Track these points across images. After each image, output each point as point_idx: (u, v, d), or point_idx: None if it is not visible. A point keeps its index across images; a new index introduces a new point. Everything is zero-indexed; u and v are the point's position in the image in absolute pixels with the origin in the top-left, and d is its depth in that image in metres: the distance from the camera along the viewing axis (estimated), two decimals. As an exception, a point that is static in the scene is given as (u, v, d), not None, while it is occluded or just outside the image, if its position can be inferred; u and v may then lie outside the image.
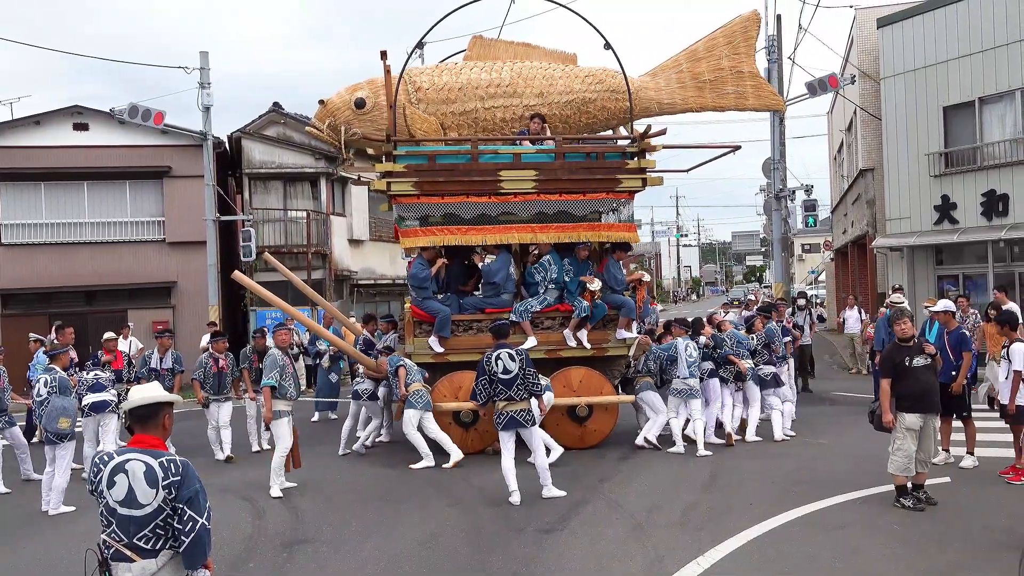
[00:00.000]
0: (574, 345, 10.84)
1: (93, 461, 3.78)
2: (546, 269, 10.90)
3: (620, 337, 11.03)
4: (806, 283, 49.46)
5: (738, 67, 12.04)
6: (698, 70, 12.01)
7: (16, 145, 21.13)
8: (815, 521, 7.27)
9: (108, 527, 3.68)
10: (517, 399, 8.29)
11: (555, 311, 10.95)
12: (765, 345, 11.43)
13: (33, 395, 9.32)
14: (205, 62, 20.29)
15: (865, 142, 22.95)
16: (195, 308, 21.17)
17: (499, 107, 11.39)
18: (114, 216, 21.96)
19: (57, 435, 8.73)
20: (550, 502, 8.20)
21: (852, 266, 27.49)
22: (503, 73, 11.44)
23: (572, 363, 10.86)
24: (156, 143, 21.74)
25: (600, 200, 11.15)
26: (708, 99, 12.09)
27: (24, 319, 20.40)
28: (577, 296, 10.89)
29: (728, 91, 12.06)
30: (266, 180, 23.74)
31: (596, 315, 10.92)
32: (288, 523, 7.89)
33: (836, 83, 20.15)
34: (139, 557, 3.63)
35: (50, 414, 8.70)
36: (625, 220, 12.38)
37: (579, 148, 11.30)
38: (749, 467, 9.49)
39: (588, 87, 11.72)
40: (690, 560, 6.29)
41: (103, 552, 3.69)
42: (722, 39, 12.10)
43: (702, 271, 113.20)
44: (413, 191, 10.65)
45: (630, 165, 11.15)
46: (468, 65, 11.52)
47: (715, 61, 12.02)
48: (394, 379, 10.22)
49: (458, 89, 11.20)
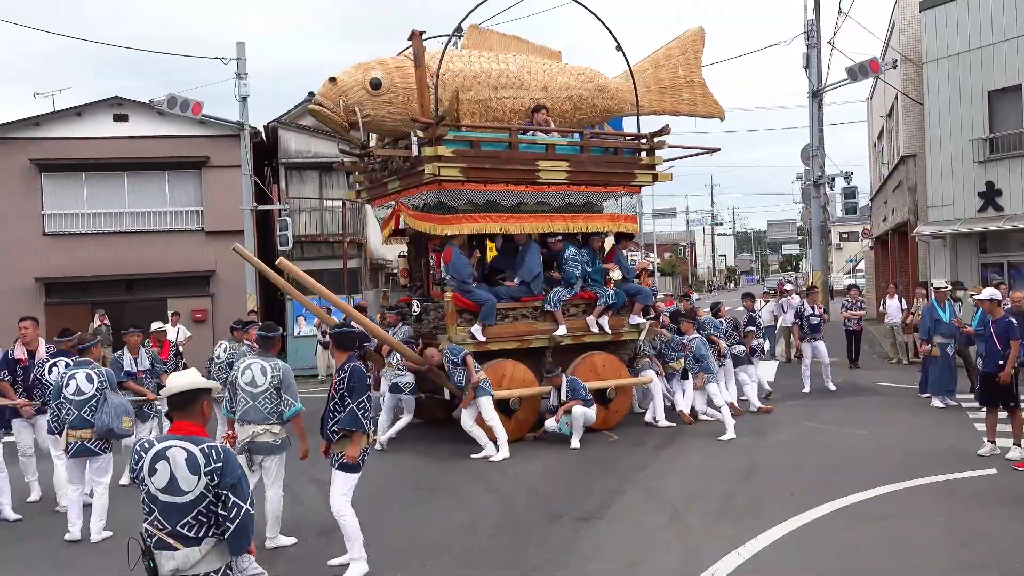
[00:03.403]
0: (596, 331, 11.25)
1: (134, 449, 3.77)
2: (577, 259, 11.18)
3: (633, 323, 11.60)
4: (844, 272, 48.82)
5: (690, 76, 13.03)
6: (660, 76, 12.87)
7: (58, 136, 21.49)
8: (858, 512, 7.16)
9: (150, 515, 3.65)
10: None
11: (579, 299, 11.32)
12: (734, 328, 12.76)
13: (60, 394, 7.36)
14: (242, 52, 20.40)
15: (906, 128, 22.51)
16: (234, 297, 21.40)
17: (508, 98, 11.42)
18: (153, 206, 22.27)
19: (118, 437, 7.50)
20: (588, 490, 8.16)
21: (893, 255, 27.04)
22: (510, 65, 11.53)
23: (590, 349, 11.27)
24: (194, 133, 22.00)
25: (616, 192, 11.84)
26: (668, 103, 12.94)
27: (66, 308, 20.80)
28: (601, 284, 11.39)
29: (683, 97, 12.99)
30: (302, 169, 23.92)
31: (618, 302, 11.37)
32: (326, 510, 7.91)
33: (877, 68, 19.77)
34: (182, 545, 3.60)
35: (112, 413, 7.26)
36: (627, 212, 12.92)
37: (603, 143, 11.78)
38: (789, 457, 9.38)
39: (582, 84, 12.15)
40: (730, 550, 6.22)
41: (146, 541, 3.66)
42: (677, 49, 13.07)
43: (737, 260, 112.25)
44: (460, 176, 10.48)
45: (644, 160, 11.75)
46: (475, 54, 11.42)
47: (672, 69, 12.96)
48: (460, 368, 9.99)
49: (472, 77, 11.11)
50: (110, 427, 7.20)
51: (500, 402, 10.23)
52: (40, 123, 21.56)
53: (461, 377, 9.97)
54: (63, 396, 7.25)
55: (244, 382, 6.73)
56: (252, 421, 6.67)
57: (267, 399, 6.69)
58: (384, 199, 11.88)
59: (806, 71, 21.28)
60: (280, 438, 6.74)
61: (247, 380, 6.74)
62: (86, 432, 7.17)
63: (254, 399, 6.68)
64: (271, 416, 6.70)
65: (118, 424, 7.26)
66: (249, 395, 6.69)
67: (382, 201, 12.06)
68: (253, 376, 6.74)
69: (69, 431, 7.19)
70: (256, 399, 6.68)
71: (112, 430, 7.23)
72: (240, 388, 6.76)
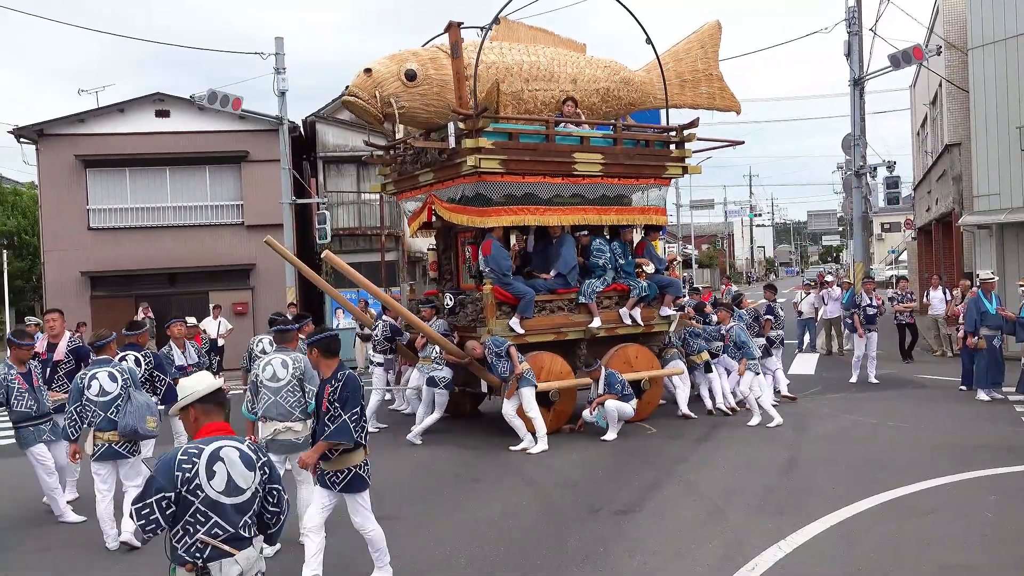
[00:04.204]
0: (629, 323, 11.35)
1: (178, 459, 3.50)
2: (608, 252, 11.31)
3: (664, 314, 11.76)
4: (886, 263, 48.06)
5: (708, 70, 13.11)
6: (680, 70, 12.91)
7: (102, 132, 21.88)
8: (901, 507, 7.07)
9: (206, 523, 3.46)
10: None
11: (612, 291, 11.39)
12: (755, 319, 12.84)
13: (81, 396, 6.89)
14: (280, 47, 20.56)
15: (951, 116, 22.05)
16: (273, 290, 21.63)
17: (539, 90, 11.42)
18: (195, 200, 22.58)
19: (143, 438, 7.02)
20: (626, 483, 8.15)
21: (936, 245, 26.54)
22: (540, 57, 11.51)
23: (621, 341, 11.36)
24: (234, 128, 22.25)
25: (647, 185, 11.88)
26: (687, 97, 12.99)
27: (112, 301, 21.21)
28: (633, 276, 11.47)
29: (702, 91, 13.07)
30: (340, 163, 24.08)
31: (651, 294, 11.49)
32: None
33: (921, 55, 19.32)
34: (239, 549, 3.49)
35: (135, 413, 6.82)
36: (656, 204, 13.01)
37: (636, 135, 11.81)
38: (830, 451, 9.28)
39: (608, 77, 12.20)
40: (771, 544, 6.17)
41: (195, 557, 3.45)
42: (696, 43, 13.12)
43: (776, 251, 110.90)
44: (499, 168, 10.47)
45: (674, 153, 11.91)
46: (507, 46, 11.40)
47: (692, 63, 13.04)
48: (503, 360, 9.95)
49: (505, 69, 11.08)
50: (134, 428, 6.79)
51: (539, 394, 10.23)
52: (84, 120, 21.96)
53: (505, 369, 9.96)
54: (85, 398, 6.83)
55: (265, 377, 6.70)
56: (273, 417, 6.61)
57: (289, 392, 6.62)
58: (414, 192, 11.85)
59: (847, 59, 20.90)
60: (302, 436, 6.57)
61: (268, 375, 6.71)
62: (113, 434, 6.77)
63: (276, 394, 6.64)
64: (294, 410, 6.62)
65: (142, 425, 6.82)
66: (271, 390, 6.65)
67: (411, 194, 12.01)
68: (274, 371, 6.71)
69: (96, 433, 6.80)
70: (278, 393, 6.63)
71: (136, 431, 6.81)
72: (262, 384, 6.69)
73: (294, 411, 6.64)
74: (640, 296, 11.38)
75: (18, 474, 8.98)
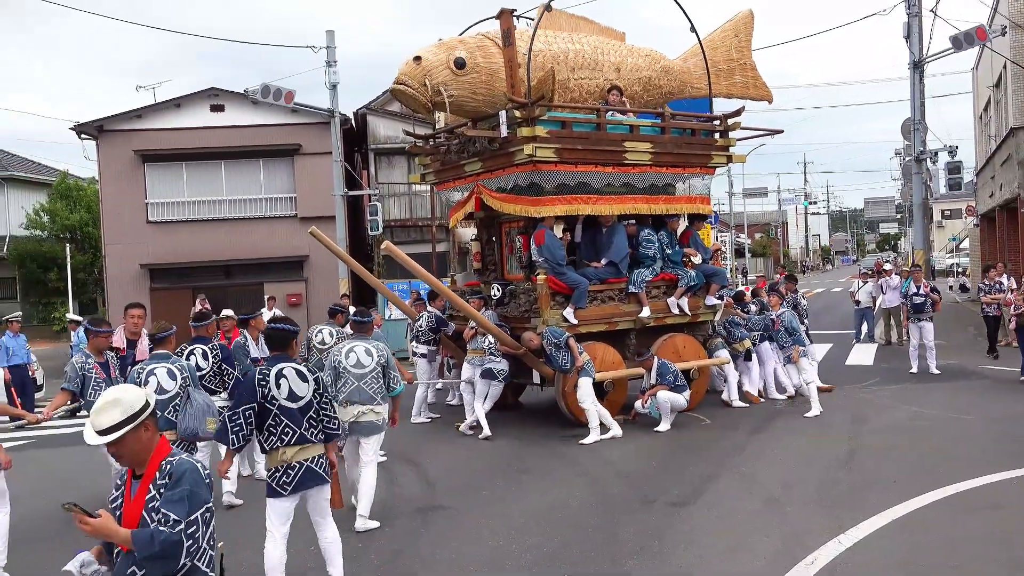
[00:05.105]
0: (677, 312, 11.38)
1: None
2: (651, 240, 11.33)
3: (709, 303, 11.73)
4: (946, 251, 46.86)
5: (742, 59, 13.00)
6: (715, 58, 12.68)
7: (160, 127, 22.34)
8: (965, 501, 6.88)
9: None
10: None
11: (660, 280, 11.39)
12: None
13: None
14: (331, 41, 20.75)
15: (1016, 98, 21.38)
16: (326, 281, 21.92)
17: (585, 78, 11.30)
18: (249, 193, 22.97)
19: (203, 440, 6.79)
20: (681, 474, 8.07)
21: (1000, 232, 25.80)
22: (584, 46, 11.41)
23: (668, 330, 11.39)
24: (287, 122, 22.54)
25: (694, 174, 12.03)
26: (723, 86, 12.80)
27: (170, 292, 21.69)
28: (681, 266, 11.57)
29: (736, 80, 12.94)
30: (391, 155, 24.24)
31: (698, 283, 11.52)
32: (420, 490, 8.09)
33: (984, 36, 18.78)
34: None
35: (195, 414, 6.54)
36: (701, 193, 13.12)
37: (683, 124, 11.74)
38: (890, 443, 9.07)
39: (649, 66, 12.15)
40: (830, 538, 6.06)
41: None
42: (731, 32, 12.99)
43: (831, 239, 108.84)
44: (554, 157, 10.39)
45: (719, 142, 11.92)
46: (551, 35, 11.27)
47: (726, 52, 12.91)
48: (563, 350, 9.94)
49: (551, 57, 10.94)
50: (195, 431, 6.51)
51: (594, 385, 10.18)
52: (142, 115, 22.45)
53: (566, 360, 9.94)
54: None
55: (350, 364, 6.94)
56: (357, 402, 6.86)
57: (373, 379, 6.89)
58: (457, 182, 11.81)
59: (906, 41, 20.39)
60: (381, 418, 6.93)
61: (352, 362, 6.95)
62: (170, 435, 6.28)
63: (360, 380, 6.89)
64: (376, 396, 6.89)
65: (203, 427, 6.50)
66: (355, 376, 6.90)
67: (454, 184, 11.93)
68: (358, 358, 6.97)
69: None
70: (362, 380, 6.89)
71: (197, 434, 6.53)
72: (345, 370, 6.92)
73: (376, 397, 6.91)
74: (688, 286, 11.39)
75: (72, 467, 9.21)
